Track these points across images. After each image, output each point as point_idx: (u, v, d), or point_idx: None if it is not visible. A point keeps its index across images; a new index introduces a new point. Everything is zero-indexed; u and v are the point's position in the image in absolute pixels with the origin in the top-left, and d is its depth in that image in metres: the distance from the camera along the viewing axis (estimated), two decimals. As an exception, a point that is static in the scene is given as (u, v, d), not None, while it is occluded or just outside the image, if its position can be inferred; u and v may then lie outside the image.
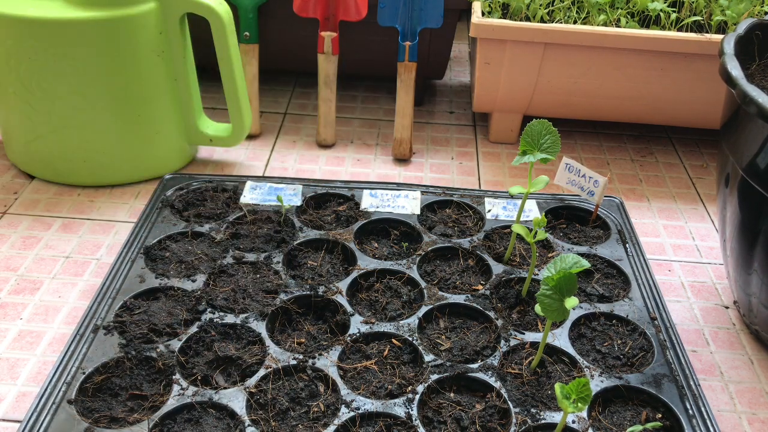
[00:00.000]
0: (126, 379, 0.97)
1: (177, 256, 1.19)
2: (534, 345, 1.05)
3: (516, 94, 1.59)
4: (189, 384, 0.95)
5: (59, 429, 0.89)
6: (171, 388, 0.95)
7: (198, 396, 0.94)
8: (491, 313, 1.09)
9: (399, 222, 1.29)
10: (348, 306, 1.09)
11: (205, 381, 0.98)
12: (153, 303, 1.09)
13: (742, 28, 1.16)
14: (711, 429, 0.93)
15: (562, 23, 1.51)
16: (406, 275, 1.16)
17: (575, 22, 1.53)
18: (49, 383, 0.94)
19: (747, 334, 1.20)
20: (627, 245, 1.26)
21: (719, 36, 1.45)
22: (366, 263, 1.18)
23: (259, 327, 1.05)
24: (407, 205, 1.32)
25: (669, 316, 1.11)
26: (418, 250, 1.22)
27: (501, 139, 1.70)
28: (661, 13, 1.53)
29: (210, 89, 1.79)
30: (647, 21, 1.56)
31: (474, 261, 1.21)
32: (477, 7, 1.52)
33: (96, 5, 1.28)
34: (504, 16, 1.54)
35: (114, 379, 0.97)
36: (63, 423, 0.90)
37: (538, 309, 0.93)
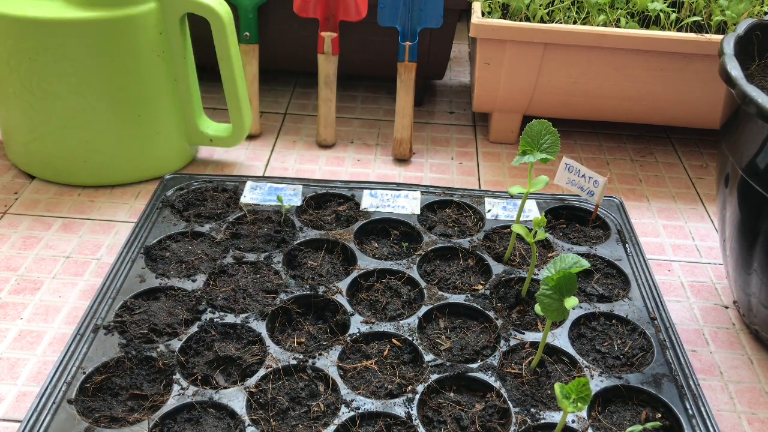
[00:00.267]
0: (126, 379, 0.97)
1: (177, 256, 1.19)
2: (534, 345, 1.05)
3: (516, 94, 1.59)
4: (189, 384, 0.96)
5: (59, 429, 0.89)
6: (171, 387, 0.95)
7: (198, 396, 0.94)
8: (491, 313, 1.09)
9: (399, 222, 1.29)
10: (348, 306, 1.09)
11: (206, 381, 0.98)
12: (153, 303, 1.09)
13: (741, 28, 1.16)
14: (711, 429, 0.93)
15: (561, 23, 1.51)
16: (406, 275, 1.16)
17: (575, 22, 1.53)
18: (50, 383, 0.94)
19: (747, 333, 1.20)
20: (627, 245, 1.26)
21: (719, 36, 1.45)
22: (366, 263, 1.18)
23: (259, 327, 1.05)
24: (407, 205, 1.32)
25: (669, 316, 1.11)
26: (418, 250, 1.22)
27: (501, 139, 1.70)
28: (661, 14, 1.53)
29: (210, 89, 1.79)
30: (647, 21, 1.56)
31: (474, 261, 1.21)
32: (477, 7, 1.52)
33: (96, 5, 1.28)
34: (504, 16, 1.55)
35: (114, 379, 0.97)
36: (63, 423, 0.90)
37: (538, 309, 0.93)
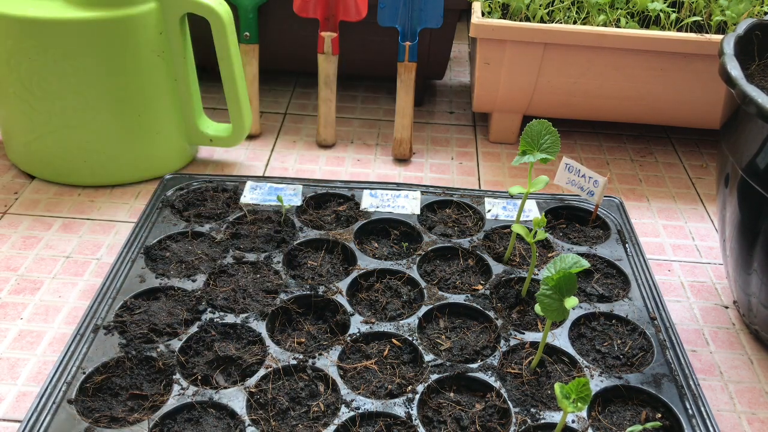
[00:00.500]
0: (126, 379, 0.97)
1: (177, 256, 1.19)
2: (534, 345, 1.05)
3: (516, 94, 1.59)
4: (189, 384, 0.96)
5: (59, 429, 0.89)
6: (171, 387, 0.95)
7: (198, 396, 0.94)
8: (491, 313, 1.09)
9: (399, 222, 1.29)
10: (348, 306, 1.09)
11: (206, 381, 0.98)
12: (153, 303, 1.09)
13: (741, 28, 1.16)
14: (710, 429, 0.93)
15: (561, 23, 1.51)
16: (406, 275, 1.16)
17: (575, 22, 1.53)
18: (50, 383, 0.94)
19: (747, 333, 1.20)
20: (627, 245, 1.26)
21: (719, 36, 1.45)
22: (366, 263, 1.18)
23: (259, 327, 1.05)
24: (407, 205, 1.32)
25: (669, 316, 1.11)
26: (418, 250, 1.22)
27: (501, 139, 1.70)
28: (661, 14, 1.53)
29: (210, 89, 1.79)
30: (647, 21, 1.56)
31: (474, 261, 1.21)
32: (477, 7, 1.52)
33: (96, 5, 1.28)
34: (504, 16, 1.55)
35: (114, 379, 0.97)
36: (63, 423, 0.90)
37: (537, 309, 0.93)
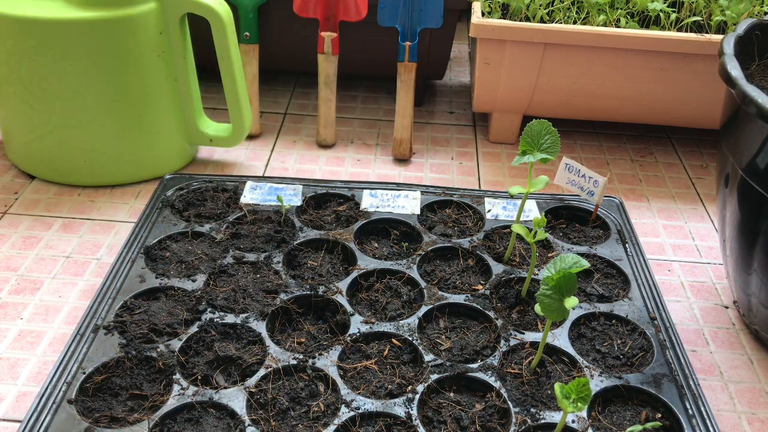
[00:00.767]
0: (126, 379, 0.97)
1: (177, 256, 1.19)
2: (534, 345, 1.05)
3: (516, 94, 1.59)
4: (189, 384, 0.96)
5: (59, 429, 0.89)
6: (171, 387, 0.95)
7: (198, 396, 0.94)
8: (491, 313, 1.09)
9: (399, 222, 1.29)
10: (348, 306, 1.09)
11: (206, 381, 0.98)
12: (153, 303, 1.09)
13: (741, 28, 1.16)
14: (711, 429, 0.93)
15: (561, 23, 1.51)
16: (406, 275, 1.16)
17: (575, 22, 1.53)
18: (50, 383, 0.94)
19: (747, 333, 1.20)
20: (627, 245, 1.26)
21: (719, 36, 1.45)
22: (366, 263, 1.18)
23: (259, 327, 1.05)
24: (407, 205, 1.32)
25: (669, 316, 1.11)
26: (418, 250, 1.22)
27: (501, 139, 1.70)
28: (661, 14, 1.53)
29: (210, 89, 1.79)
30: (647, 21, 1.56)
31: (474, 261, 1.21)
32: (477, 7, 1.52)
33: (96, 5, 1.28)
34: (504, 16, 1.55)
35: (114, 379, 0.97)
36: (63, 423, 0.90)
37: (537, 309, 0.93)
